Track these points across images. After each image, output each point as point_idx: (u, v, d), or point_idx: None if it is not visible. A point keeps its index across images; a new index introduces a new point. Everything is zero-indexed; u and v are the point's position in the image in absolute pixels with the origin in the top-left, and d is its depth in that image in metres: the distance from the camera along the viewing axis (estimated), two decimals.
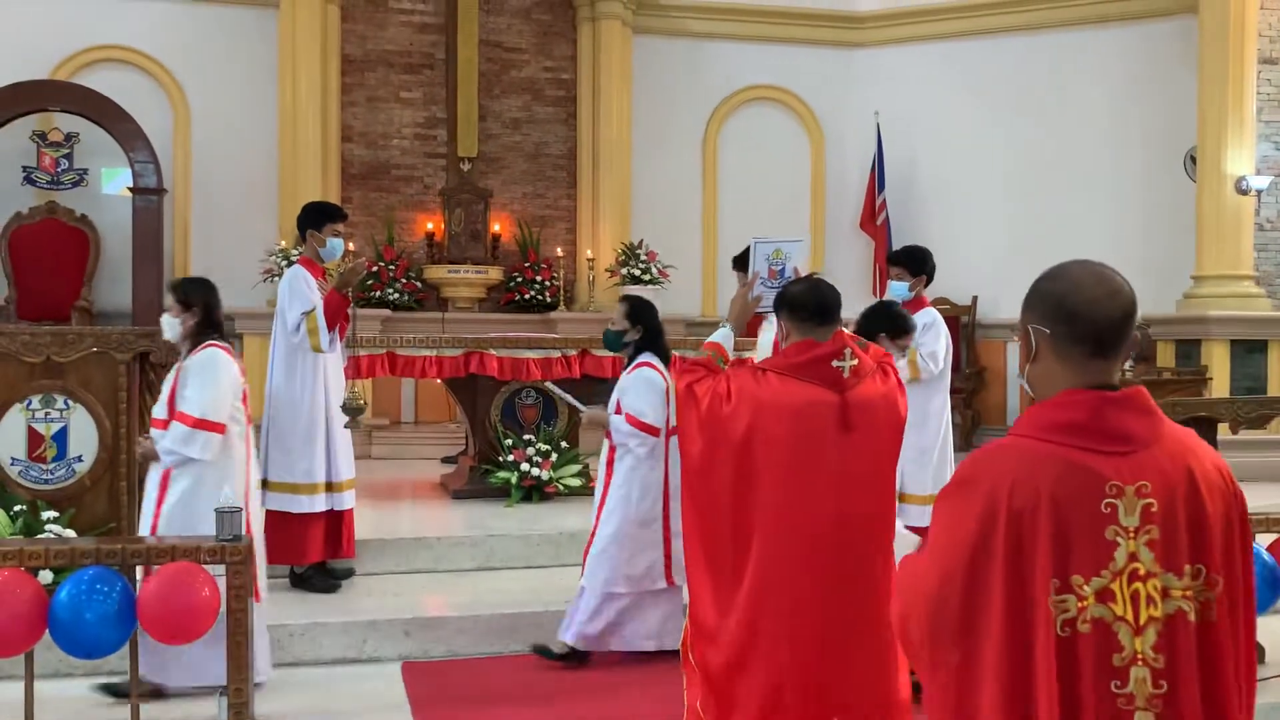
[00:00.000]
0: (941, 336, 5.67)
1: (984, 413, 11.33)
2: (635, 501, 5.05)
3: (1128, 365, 9.15)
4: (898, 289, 5.86)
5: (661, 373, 5.13)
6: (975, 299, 11.33)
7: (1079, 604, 1.82)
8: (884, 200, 11.48)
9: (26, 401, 5.08)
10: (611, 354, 6.27)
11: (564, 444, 7.50)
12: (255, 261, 9.96)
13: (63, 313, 9.43)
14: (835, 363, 3.33)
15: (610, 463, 5.13)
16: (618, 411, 5.10)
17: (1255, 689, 1.97)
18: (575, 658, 5.07)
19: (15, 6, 10.08)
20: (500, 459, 7.35)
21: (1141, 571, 1.83)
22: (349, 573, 5.77)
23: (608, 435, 5.16)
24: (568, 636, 5.06)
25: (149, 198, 9.60)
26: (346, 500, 5.61)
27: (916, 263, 5.86)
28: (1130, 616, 1.83)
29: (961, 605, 1.86)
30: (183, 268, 10.42)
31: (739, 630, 3.35)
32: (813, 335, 3.40)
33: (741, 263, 5.45)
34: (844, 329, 3.51)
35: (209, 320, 4.67)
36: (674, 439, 4.73)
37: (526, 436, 7.40)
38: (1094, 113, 11.01)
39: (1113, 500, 1.84)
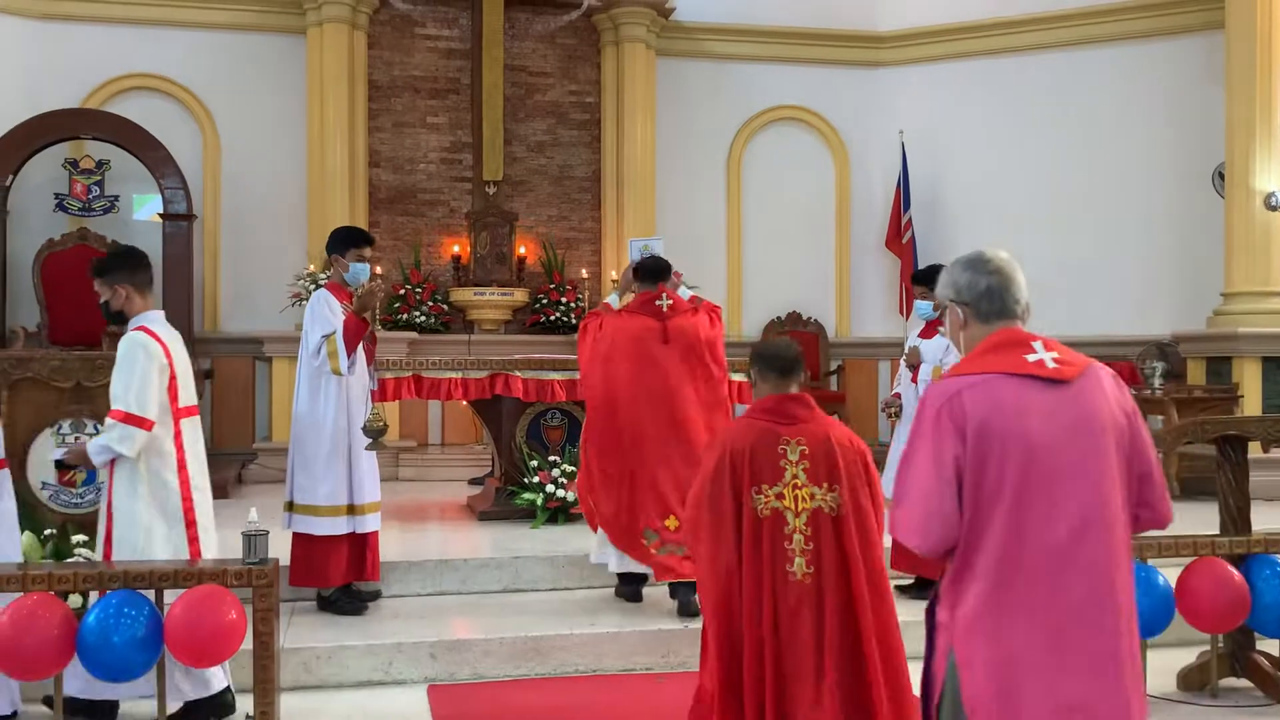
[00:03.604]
0: None
1: None
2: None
3: (1158, 383, 9.07)
4: (923, 308, 5.83)
5: None
6: None
7: (765, 500, 3.49)
8: (909, 219, 11.45)
9: (57, 426, 5.15)
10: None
11: None
12: (284, 286, 10.05)
13: (94, 338, 9.51)
14: (657, 302, 5.61)
15: None
16: None
17: (877, 553, 3.55)
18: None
19: (48, 37, 10.25)
20: (526, 480, 7.36)
21: (799, 484, 3.50)
22: (375, 595, 5.79)
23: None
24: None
25: (179, 224, 9.71)
26: (369, 523, 5.61)
27: None
28: (793, 507, 3.48)
29: (711, 504, 3.53)
30: (212, 292, 10.55)
31: (611, 462, 5.55)
32: (647, 288, 5.69)
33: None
34: (670, 286, 5.73)
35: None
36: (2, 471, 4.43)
37: (552, 458, 7.41)
38: (1120, 130, 10.96)
39: (784, 446, 3.53)
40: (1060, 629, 2.40)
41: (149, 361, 4.25)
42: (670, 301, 5.62)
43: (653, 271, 5.72)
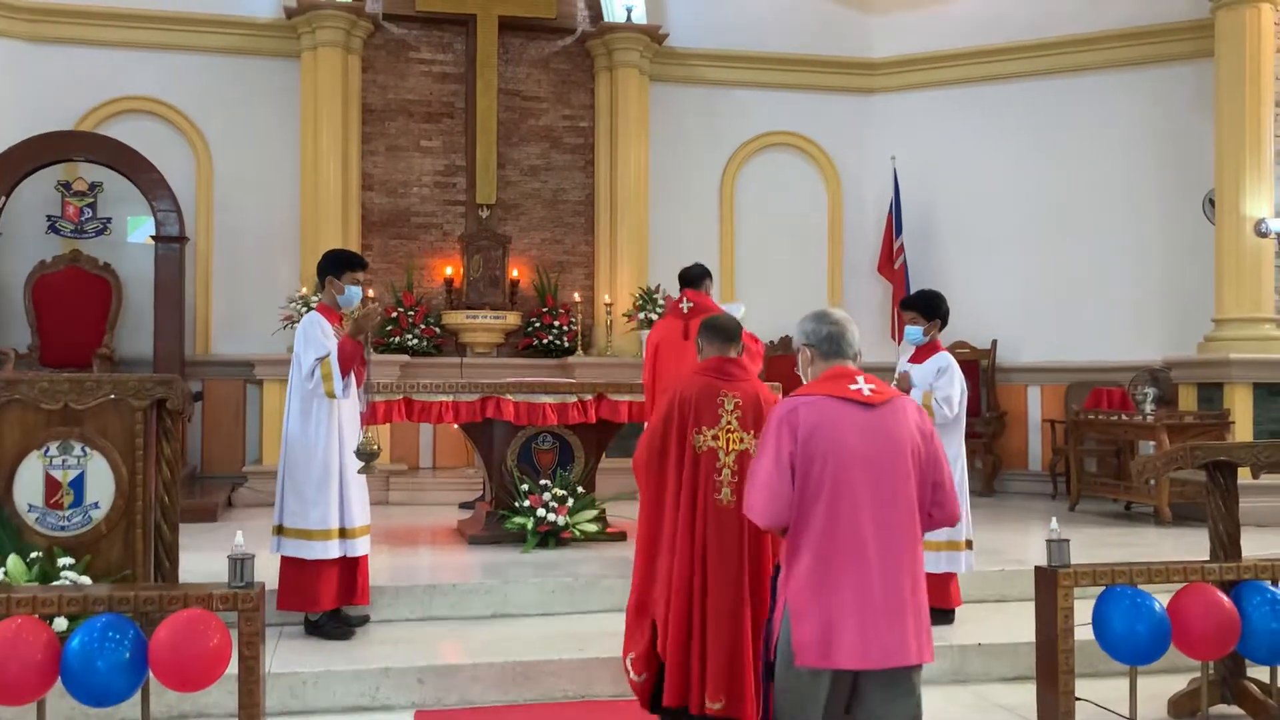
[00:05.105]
0: (956, 381, 5.64)
1: (1006, 457, 11.25)
2: None
3: (1150, 409, 9.09)
4: (912, 334, 5.85)
5: None
6: (995, 342, 11.29)
7: (703, 440, 4.23)
8: (901, 244, 11.48)
9: (44, 448, 5.11)
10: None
11: (580, 489, 7.48)
12: (275, 309, 10.04)
13: (85, 360, 9.51)
14: (680, 305, 6.59)
15: None
16: None
17: None
18: None
19: (42, 60, 10.28)
20: (516, 504, 7.33)
21: (732, 429, 4.23)
22: (364, 619, 5.76)
23: None
24: None
25: (171, 246, 9.71)
26: (360, 547, 5.59)
27: (929, 308, 5.85)
28: (725, 446, 4.22)
29: (661, 440, 4.29)
30: (204, 315, 10.53)
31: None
32: (679, 302, 6.65)
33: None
34: (700, 296, 6.65)
35: None
36: None
37: (543, 481, 7.39)
38: (1112, 156, 11.01)
39: (723, 398, 4.26)
40: (864, 590, 3.15)
41: None
42: (692, 304, 6.53)
43: (682, 279, 6.74)
